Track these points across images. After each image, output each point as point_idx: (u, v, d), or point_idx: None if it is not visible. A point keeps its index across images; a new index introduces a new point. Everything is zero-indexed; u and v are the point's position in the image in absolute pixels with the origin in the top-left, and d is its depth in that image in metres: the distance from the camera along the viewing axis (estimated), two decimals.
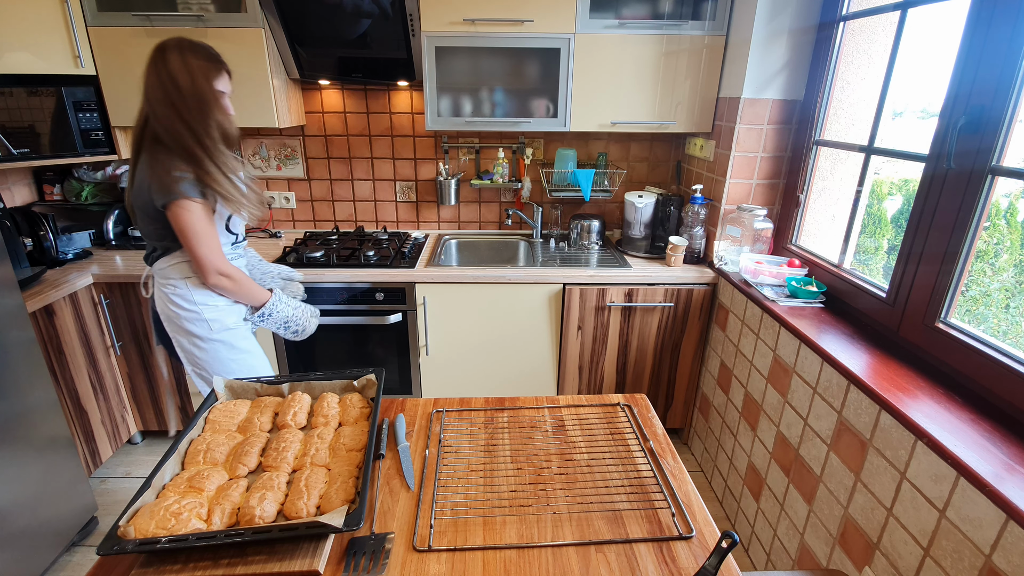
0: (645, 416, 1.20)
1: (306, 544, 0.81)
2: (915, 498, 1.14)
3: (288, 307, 1.65)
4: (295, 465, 0.96)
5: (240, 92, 2.14)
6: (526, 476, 1.00)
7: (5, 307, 1.61)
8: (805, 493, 1.55)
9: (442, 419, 1.18)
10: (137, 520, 0.79)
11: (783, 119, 2.03)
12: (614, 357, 2.30)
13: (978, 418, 1.15)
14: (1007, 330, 1.46)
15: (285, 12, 2.04)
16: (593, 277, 2.14)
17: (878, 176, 1.80)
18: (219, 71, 1.41)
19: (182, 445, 0.97)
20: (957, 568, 1.03)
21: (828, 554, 1.44)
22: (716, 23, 2.09)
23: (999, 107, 1.19)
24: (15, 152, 1.98)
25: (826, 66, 1.87)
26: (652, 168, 2.67)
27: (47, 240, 2.09)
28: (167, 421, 2.34)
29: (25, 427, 1.67)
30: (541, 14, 2.05)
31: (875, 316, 1.57)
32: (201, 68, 1.36)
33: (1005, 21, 1.18)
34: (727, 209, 2.17)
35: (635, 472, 1.02)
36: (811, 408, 1.53)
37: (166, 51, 1.36)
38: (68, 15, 1.97)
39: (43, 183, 2.40)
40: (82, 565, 1.84)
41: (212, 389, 1.14)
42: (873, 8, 1.67)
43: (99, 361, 2.13)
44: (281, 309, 1.63)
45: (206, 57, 1.39)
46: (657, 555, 0.84)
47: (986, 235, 1.40)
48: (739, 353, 1.98)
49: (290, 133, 2.57)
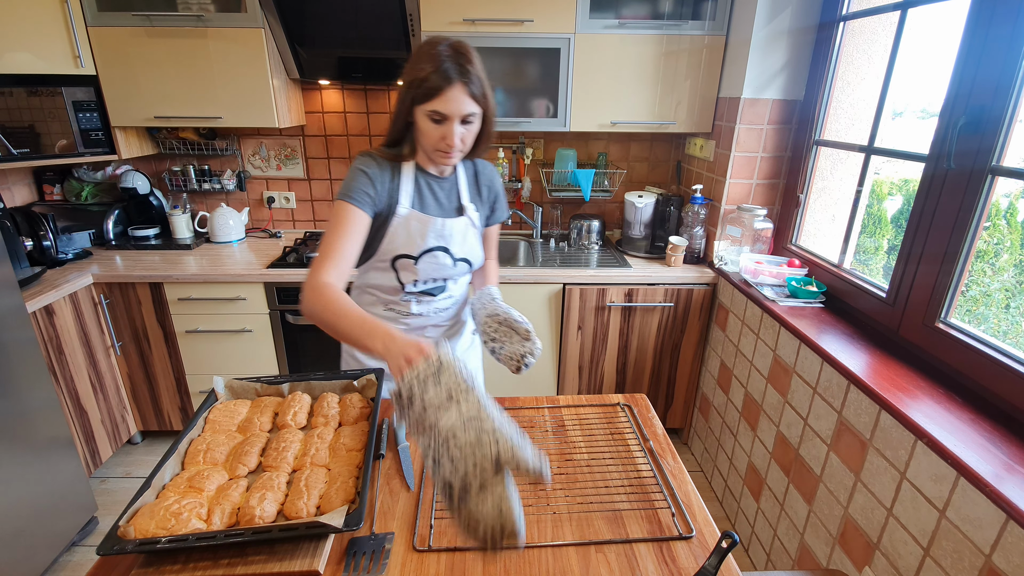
0: (645, 416, 1.20)
1: (306, 544, 0.81)
2: (915, 498, 1.14)
3: (434, 386, 0.74)
4: (295, 465, 0.95)
5: (240, 92, 2.15)
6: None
7: (5, 307, 1.61)
8: (805, 493, 1.55)
9: None
10: (137, 520, 0.79)
11: (783, 119, 2.03)
12: (614, 357, 2.30)
13: (978, 418, 1.15)
14: (1007, 330, 1.46)
15: (285, 12, 2.04)
16: (593, 277, 2.14)
17: (878, 176, 1.80)
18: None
19: (182, 445, 0.97)
20: (957, 568, 1.03)
21: (828, 554, 1.44)
22: (716, 23, 2.09)
23: (999, 107, 1.19)
24: (15, 152, 1.98)
25: (826, 66, 1.87)
26: (652, 168, 2.67)
27: (47, 240, 2.09)
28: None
29: (25, 427, 1.67)
30: (541, 14, 2.05)
31: (875, 316, 1.57)
32: None
33: (1005, 21, 1.18)
34: (727, 209, 2.17)
35: (635, 472, 1.02)
36: (811, 408, 1.53)
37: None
38: (68, 15, 1.97)
39: (43, 183, 2.41)
40: (82, 565, 1.84)
41: (212, 389, 1.14)
42: (873, 8, 1.67)
43: (99, 361, 2.13)
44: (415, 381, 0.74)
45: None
46: (657, 555, 0.84)
47: (986, 235, 1.40)
48: (739, 353, 1.98)
49: (290, 133, 2.57)
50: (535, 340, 1.12)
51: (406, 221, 1.17)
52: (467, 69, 1.04)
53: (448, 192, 1.25)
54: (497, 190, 1.33)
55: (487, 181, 1.30)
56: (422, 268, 1.21)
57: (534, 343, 1.11)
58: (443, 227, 1.20)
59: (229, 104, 2.16)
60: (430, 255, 1.20)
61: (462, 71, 1.04)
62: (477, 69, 1.06)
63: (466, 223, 1.24)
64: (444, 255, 1.22)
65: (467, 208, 1.25)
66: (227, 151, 2.54)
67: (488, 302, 1.25)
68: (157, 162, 2.60)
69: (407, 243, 1.18)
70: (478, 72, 1.06)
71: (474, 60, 1.06)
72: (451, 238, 1.21)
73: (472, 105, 1.07)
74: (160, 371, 2.26)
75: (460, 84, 1.04)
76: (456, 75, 1.03)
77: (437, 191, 1.23)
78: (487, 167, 1.31)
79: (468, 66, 1.04)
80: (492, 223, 1.36)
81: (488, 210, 1.33)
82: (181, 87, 2.14)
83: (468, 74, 1.04)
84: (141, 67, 2.11)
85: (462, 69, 1.04)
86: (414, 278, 1.23)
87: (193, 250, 2.38)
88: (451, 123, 1.06)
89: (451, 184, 1.25)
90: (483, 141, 1.17)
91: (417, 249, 1.19)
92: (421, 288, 1.26)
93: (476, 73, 1.06)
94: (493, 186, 1.32)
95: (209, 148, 2.50)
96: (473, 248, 1.27)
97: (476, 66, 1.06)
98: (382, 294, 1.28)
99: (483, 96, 1.08)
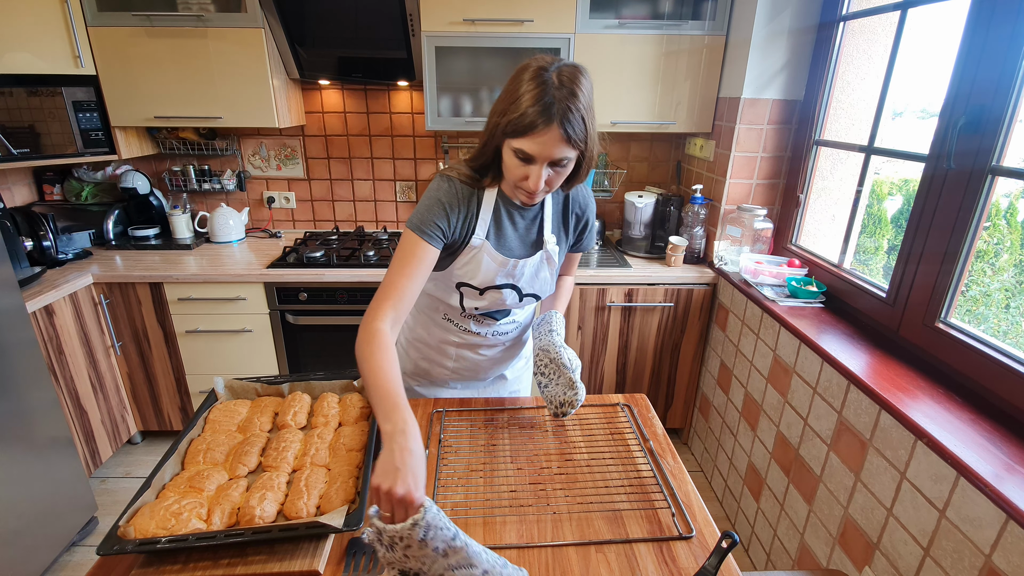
0: (645, 416, 1.20)
1: (306, 544, 0.81)
2: (915, 498, 1.14)
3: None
4: (295, 465, 0.95)
5: (240, 92, 2.15)
6: (526, 476, 1.00)
7: (5, 307, 1.61)
8: (805, 493, 1.55)
9: (442, 419, 1.18)
10: (137, 520, 0.79)
11: (783, 119, 2.03)
12: (614, 357, 2.30)
13: (978, 418, 1.15)
14: (1007, 330, 1.46)
15: (285, 12, 2.04)
16: (593, 277, 2.14)
17: (878, 176, 1.80)
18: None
19: (182, 445, 0.97)
20: (957, 568, 1.03)
21: (828, 554, 1.44)
22: (716, 23, 2.09)
23: (999, 107, 1.19)
24: (15, 152, 1.98)
25: (826, 66, 1.87)
26: (652, 168, 2.67)
27: (47, 240, 2.09)
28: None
29: (25, 427, 1.67)
30: (541, 14, 2.05)
31: (875, 316, 1.57)
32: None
33: (1005, 21, 1.18)
34: (727, 209, 2.17)
35: (635, 472, 1.02)
36: (811, 408, 1.53)
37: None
38: (68, 15, 1.97)
39: (43, 183, 2.41)
40: (82, 565, 1.84)
41: (212, 389, 1.14)
42: (873, 8, 1.67)
43: (99, 361, 2.13)
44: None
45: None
46: (657, 555, 0.84)
47: (986, 235, 1.40)
48: (739, 353, 1.98)
49: (290, 133, 2.57)
50: (579, 390, 1.07)
51: (478, 252, 1.08)
52: (570, 108, 0.88)
53: (530, 223, 1.13)
54: (588, 219, 1.19)
55: (578, 210, 1.17)
56: (486, 298, 1.14)
57: (577, 392, 1.07)
58: (515, 267, 1.10)
59: (229, 104, 2.16)
60: (495, 290, 1.12)
61: (564, 112, 0.88)
62: (582, 105, 0.90)
63: (541, 258, 1.13)
64: (511, 292, 1.14)
65: (547, 241, 1.13)
66: (227, 151, 2.54)
67: (545, 333, 1.17)
68: (157, 162, 2.60)
69: (474, 274, 1.10)
70: (583, 110, 0.90)
71: (581, 95, 0.90)
72: (521, 277, 1.12)
73: (567, 150, 0.92)
74: (160, 371, 2.26)
75: (557, 127, 0.89)
76: (556, 116, 0.88)
77: (518, 221, 1.12)
78: (581, 193, 1.17)
79: (573, 104, 0.89)
80: (576, 251, 1.25)
81: (574, 239, 1.21)
82: (181, 87, 2.14)
83: (570, 116, 0.89)
84: (141, 67, 2.10)
85: (565, 109, 0.88)
86: (476, 305, 1.15)
87: (193, 250, 2.38)
88: (539, 165, 0.93)
89: (535, 214, 1.13)
90: (576, 180, 1.04)
91: (483, 283, 1.11)
92: (484, 312, 1.19)
93: (581, 112, 0.90)
94: (584, 215, 1.18)
95: (209, 148, 2.50)
96: (545, 283, 1.17)
97: (582, 102, 0.90)
98: (443, 306, 1.21)
99: (584, 140, 0.92)
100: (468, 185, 1.06)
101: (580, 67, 0.93)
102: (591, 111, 0.93)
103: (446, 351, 1.27)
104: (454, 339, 1.25)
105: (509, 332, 1.27)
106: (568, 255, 1.27)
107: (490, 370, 1.34)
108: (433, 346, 1.28)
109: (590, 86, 0.93)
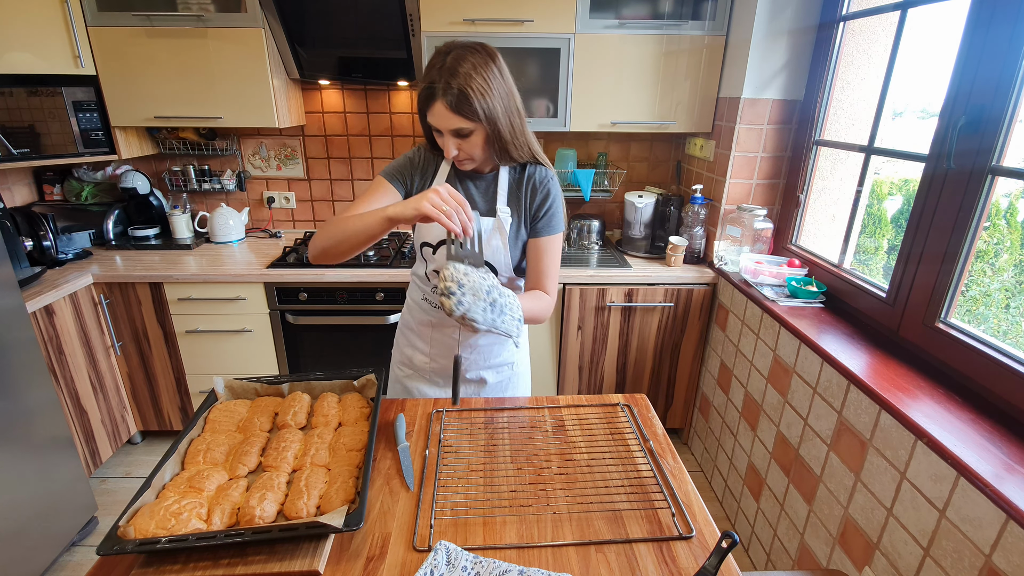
0: (645, 416, 1.20)
1: (306, 544, 0.81)
2: (915, 498, 1.14)
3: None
4: (295, 465, 0.95)
5: (240, 92, 2.15)
6: (526, 476, 1.00)
7: (5, 307, 1.61)
8: (805, 493, 1.55)
9: (442, 419, 1.18)
10: (137, 520, 0.79)
11: (783, 119, 2.03)
12: (614, 357, 2.30)
13: (978, 418, 1.15)
14: (1007, 330, 1.46)
15: (285, 12, 2.04)
16: (593, 277, 2.14)
17: (878, 176, 1.80)
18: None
19: (182, 445, 0.97)
20: (957, 568, 1.03)
21: (828, 554, 1.44)
22: (716, 23, 2.09)
23: (999, 107, 1.19)
24: (15, 152, 1.98)
25: (826, 66, 1.87)
26: (652, 168, 2.67)
27: (47, 240, 2.09)
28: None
29: (25, 427, 1.67)
30: (541, 14, 2.05)
31: (875, 316, 1.57)
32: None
33: (1005, 21, 1.18)
34: (727, 209, 2.17)
35: (635, 472, 1.02)
36: (811, 408, 1.53)
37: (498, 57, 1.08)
38: (68, 15, 1.97)
39: (43, 183, 2.41)
40: (82, 565, 1.84)
41: (212, 389, 1.14)
42: (873, 8, 1.67)
43: (99, 361, 2.13)
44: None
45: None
46: (657, 555, 0.84)
47: (986, 235, 1.40)
48: (739, 353, 1.98)
49: (290, 133, 2.57)
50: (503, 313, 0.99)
51: None
52: (450, 85, 0.98)
53: (484, 191, 1.21)
54: (547, 196, 1.19)
55: (535, 185, 1.19)
56: (439, 258, 1.20)
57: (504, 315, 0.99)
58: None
59: (229, 104, 2.16)
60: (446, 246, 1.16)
61: (445, 88, 0.98)
62: (470, 82, 0.98)
63: (493, 224, 1.19)
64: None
65: (500, 211, 1.18)
66: (227, 151, 2.54)
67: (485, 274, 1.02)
68: (157, 162, 2.60)
69: (428, 230, 1.19)
70: (470, 85, 0.98)
71: (461, 70, 0.98)
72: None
73: (459, 121, 1.02)
74: (160, 371, 2.26)
75: (441, 101, 1.00)
76: (439, 92, 0.99)
77: (472, 189, 1.21)
78: (540, 172, 1.20)
79: (453, 81, 0.98)
80: (541, 234, 1.20)
81: (531, 217, 1.21)
82: (181, 87, 2.14)
83: (451, 90, 0.98)
84: (141, 67, 2.10)
85: (446, 86, 0.98)
86: (433, 268, 1.23)
87: (193, 250, 2.38)
88: (445, 137, 1.06)
89: (489, 184, 1.21)
90: (506, 148, 1.10)
91: (435, 237, 1.19)
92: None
93: (465, 86, 0.98)
94: (542, 192, 1.19)
95: (209, 148, 2.50)
96: (497, 252, 1.20)
97: (461, 78, 0.98)
98: (419, 283, 1.31)
99: (475, 111, 1.00)
100: (433, 155, 1.21)
101: (474, 46, 1.04)
102: (486, 84, 1.01)
103: (422, 333, 1.34)
104: (429, 318, 1.31)
105: None
106: (534, 243, 1.20)
107: (468, 361, 1.35)
108: (413, 328, 1.36)
109: (484, 61, 1.02)
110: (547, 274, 1.21)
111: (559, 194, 1.22)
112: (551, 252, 1.21)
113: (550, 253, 1.21)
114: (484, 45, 1.06)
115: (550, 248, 1.21)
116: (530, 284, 1.22)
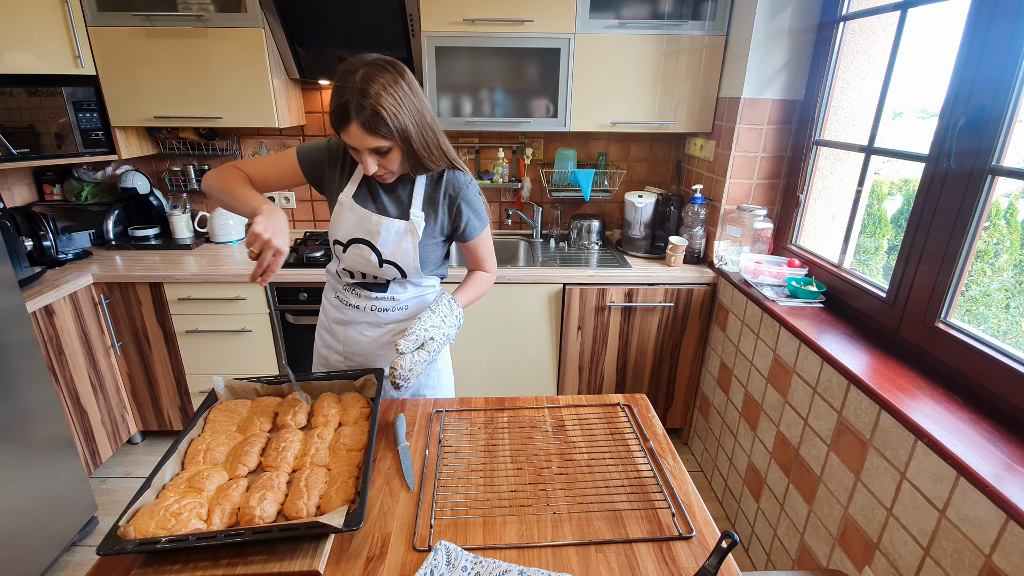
0: (645, 416, 1.20)
1: (306, 544, 0.81)
2: (915, 498, 1.14)
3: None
4: (295, 465, 0.96)
5: (240, 92, 2.15)
6: (526, 476, 1.00)
7: (5, 307, 1.61)
8: (805, 493, 1.55)
9: (442, 419, 1.18)
10: (137, 520, 0.79)
11: (783, 119, 2.03)
12: (614, 357, 2.30)
13: (978, 418, 1.15)
14: (1007, 330, 1.45)
15: (285, 12, 2.04)
16: (593, 277, 2.14)
17: (878, 176, 1.80)
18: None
19: (182, 445, 0.97)
20: (957, 568, 1.03)
21: (828, 554, 1.44)
22: (716, 23, 2.09)
23: (999, 107, 1.19)
24: (15, 152, 1.98)
25: (826, 66, 1.87)
26: (652, 168, 2.67)
27: (47, 240, 2.09)
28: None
29: (25, 427, 1.67)
30: (541, 14, 2.05)
31: (875, 316, 1.57)
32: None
33: (1005, 21, 1.18)
34: (727, 209, 2.17)
35: (635, 472, 1.02)
36: (811, 408, 1.53)
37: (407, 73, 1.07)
38: (68, 15, 1.97)
39: (43, 183, 2.41)
40: (82, 565, 1.84)
41: (212, 389, 1.14)
42: (873, 8, 1.67)
43: (99, 361, 2.13)
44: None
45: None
46: (657, 555, 0.84)
47: (986, 235, 1.40)
48: (739, 353, 1.98)
49: (290, 133, 2.57)
50: (401, 358, 1.08)
51: (342, 208, 1.20)
52: (364, 105, 0.97)
53: (399, 196, 1.21)
54: (464, 202, 1.22)
55: (451, 192, 1.21)
56: (348, 258, 1.23)
57: (399, 359, 1.08)
58: (372, 222, 1.18)
59: (229, 104, 2.16)
60: (355, 247, 1.21)
61: (359, 108, 0.98)
62: (381, 101, 0.98)
63: (405, 228, 1.19)
64: (368, 250, 1.20)
65: (413, 215, 1.19)
66: (227, 151, 2.54)
67: (425, 310, 1.18)
68: (157, 162, 2.60)
69: (337, 228, 1.22)
70: (381, 104, 0.98)
71: (371, 90, 0.97)
72: (378, 235, 1.18)
73: (376, 140, 1.02)
74: (160, 371, 2.26)
75: (356, 122, 0.99)
76: (352, 112, 0.98)
77: (386, 192, 1.21)
78: (456, 179, 1.21)
79: (364, 102, 0.97)
80: (469, 238, 1.27)
81: (450, 223, 1.24)
82: (181, 87, 2.14)
83: (364, 111, 0.98)
84: (141, 67, 2.11)
85: (359, 106, 0.97)
86: (343, 267, 1.26)
87: (193, 250, 2.38)
88: (363, 154, 1.05)
89: (405, 189, 1.21)
90: (423, 161, 1.10)
91: (344, 236, 1.21)
92: (359, 280, 1.28)
93: (376, 106, 0.97)
94: (459, 199, 1.21)
95: (209, 148, 2.50)
96: (407, 255, 1.21)
97: (380, 99, 0.97)
98: (332, 280, 1.35)
99: (391, 130, 1.01)
100: (354, 154, 1.14)
101: (382, 63, 1.01)
102: (397, 103, 1.00)
103: (335, 331, 1.35)
104: (341, 316, 1.32)
105: (389, 310, 1.29)
106: (466, 246, 1.30)
107: (385, 359, 1.33)
108: (326, 327, 1.37)
109: (393, 79, 1.01)
110: (485, 258, 1.33)
111: (475, 197, 1.24)
112: (483, 244, 1.31)
113: (483, 245, 1.31)
114: (392, 61, 1.04)
115: (481, 242, 1.30)
116: (471, 267, 1.35)
